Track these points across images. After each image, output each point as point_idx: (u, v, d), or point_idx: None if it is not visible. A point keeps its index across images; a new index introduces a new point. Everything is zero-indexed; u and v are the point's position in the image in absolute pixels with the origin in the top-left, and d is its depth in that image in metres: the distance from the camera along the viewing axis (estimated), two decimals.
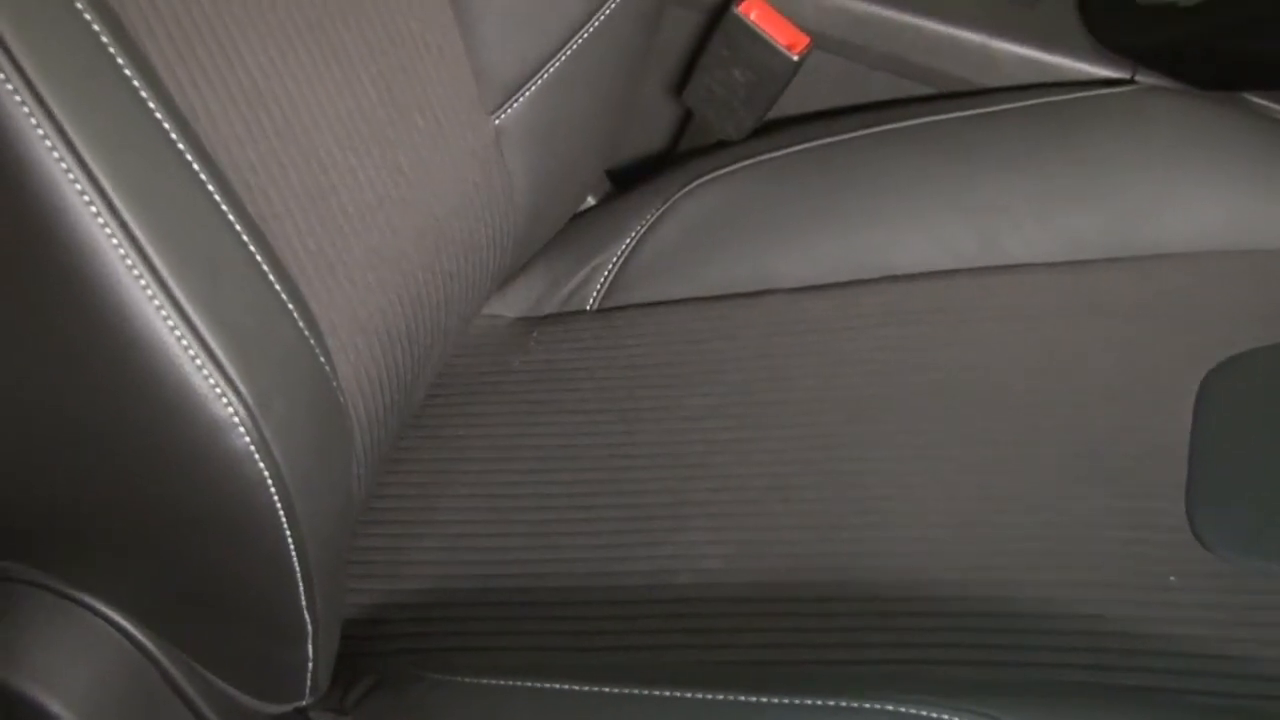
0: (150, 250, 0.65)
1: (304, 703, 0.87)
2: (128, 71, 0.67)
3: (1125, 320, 1.02)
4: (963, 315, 1.04)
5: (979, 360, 1.01)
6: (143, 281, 0.65)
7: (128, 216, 0.65)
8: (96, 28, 0.66)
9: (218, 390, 0.68)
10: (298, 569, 0.75)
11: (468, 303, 1.01)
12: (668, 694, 0.78)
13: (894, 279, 1.07)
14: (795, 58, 1.17)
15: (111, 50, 0.66)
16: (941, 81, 1.20)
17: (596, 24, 1.02)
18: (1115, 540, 0.89)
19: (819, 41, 1.19)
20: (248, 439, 0.69)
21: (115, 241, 0.65)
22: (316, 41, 0.86)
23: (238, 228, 0.70)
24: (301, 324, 0.74)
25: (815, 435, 0.97)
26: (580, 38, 1.01)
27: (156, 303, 0.66)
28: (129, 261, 0.65)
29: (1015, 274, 1.06)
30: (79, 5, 0.66)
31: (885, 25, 1.19)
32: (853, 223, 1.10)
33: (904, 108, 1.18)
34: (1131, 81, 1.16)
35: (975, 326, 1.03)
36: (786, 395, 1.00)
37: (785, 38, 1.17)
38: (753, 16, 1.17)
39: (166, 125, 0.68)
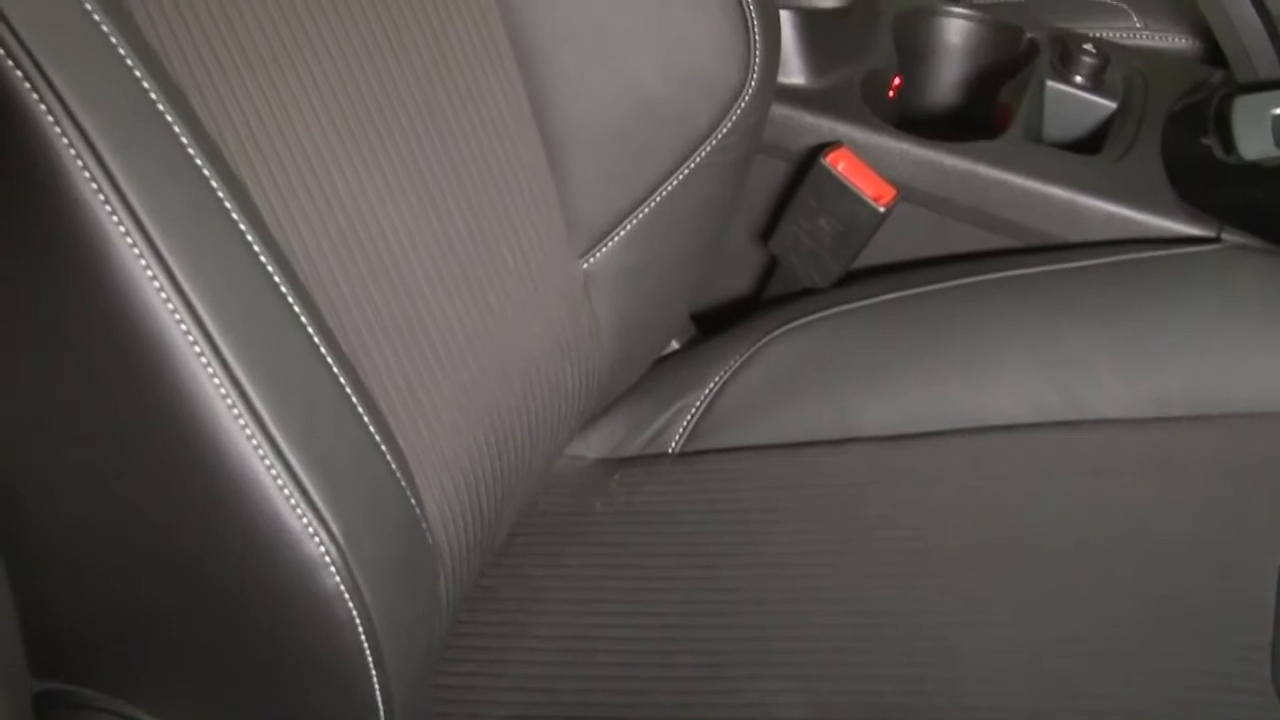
0: (249, 389, 0.67)
1: None
2: (235, 215, 0.69)
3: (1210, 479, 1.01)
4: (1047, 470, 1.03)
5: (1064, 515, 1.00)
6: (241, 420, 0.67)
7: (229, 356, 0.66)
8: (207, 173, 0.68)
9: (310, 529, 0.69)
10: (381, 709, 0.75)
11: (552, 443, 1.02)
12: None
13: (978, 431, 1.07)
14: (882, 209, 1.18)
15: (220, 194, 0.68)
16: (1027, 235, 1.20)
17: (686, 172, 1.03)
18: (1198, 702, 0.88)
19: (905, 193, 1.20)
20: (337, 579, 0.70)
21: (217, 381, 0.66)
22: (410, 179, 0.87)
23: (333, 366, 0.72)
24: (392, 463, 0.75)
25: (898, 586, 0.97)
26: (670, 185, 1.03)
27: (254, 441, 0.67)
28: (229, 400, 0.66)
29: (1100, 429, 1.06)
30: (190, 150, 0.68)
31: (972, 179, 1.20)
32: (937, 374, 1.10)
33: (989, 260, 1.19)
34: (1217, 240, 1.17)
35: (1060, 481, 1.03)
36: (870, 545, 1.00)
37: (872, 189, 1.18)
38: (840, 167, 1.18)
39: (269, 267, 0.70)
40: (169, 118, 0.68)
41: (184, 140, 0.68)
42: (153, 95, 0.67)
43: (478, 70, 0.92)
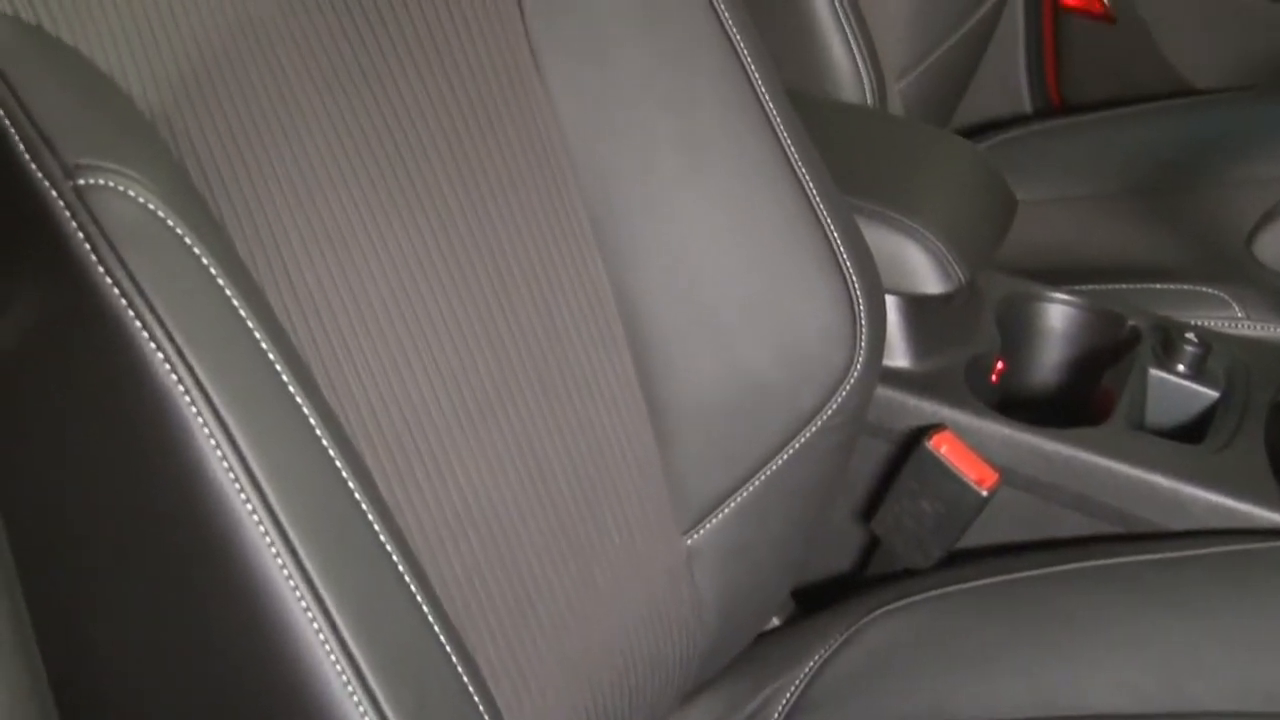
0: (365, 668, 0.69)
1: None
2: (358, 497, 0.71)
3: None
4: None
5: None
6: (355, 698, 0.68)
7: (346, 634, 0.68)
8: (317, 428, 0.71)
9: None
10: None
11: (650, 717, 1.02)
12: None
13: None
14: (984, 493, 1.18)
15: (344, 475, 0.71)
16: (1130, 523, 1.20)
17: (790, 452, 1.05)
18: None
19: (1008, 477, 1.21)
20: None
21: (334, 658, 0.68)
22: (522, 452, 0.89)
23: (445, 645, 0.73)
24: None
25: None
26: (774, 464, 1.04)
27: (361, 708, 0.69)
28: (344, 678, 0.68)
29: None
30: (317, 431, 0.71)
31: (1074, 465, 1.21)
32: (1038, 661, 1.09)
33: (1091, 547, 1.19)
34: None
35: None
36: None
37: (975, 473, 1.19)
38: (943, 450, 1.20)
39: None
40: (299, 399, 0.71)
41: (311, 421, 0.71)
42: (282, 376, 0.71)
43: (590, 349, 0.95)
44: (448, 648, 0.73)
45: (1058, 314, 1.38)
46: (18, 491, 0.74)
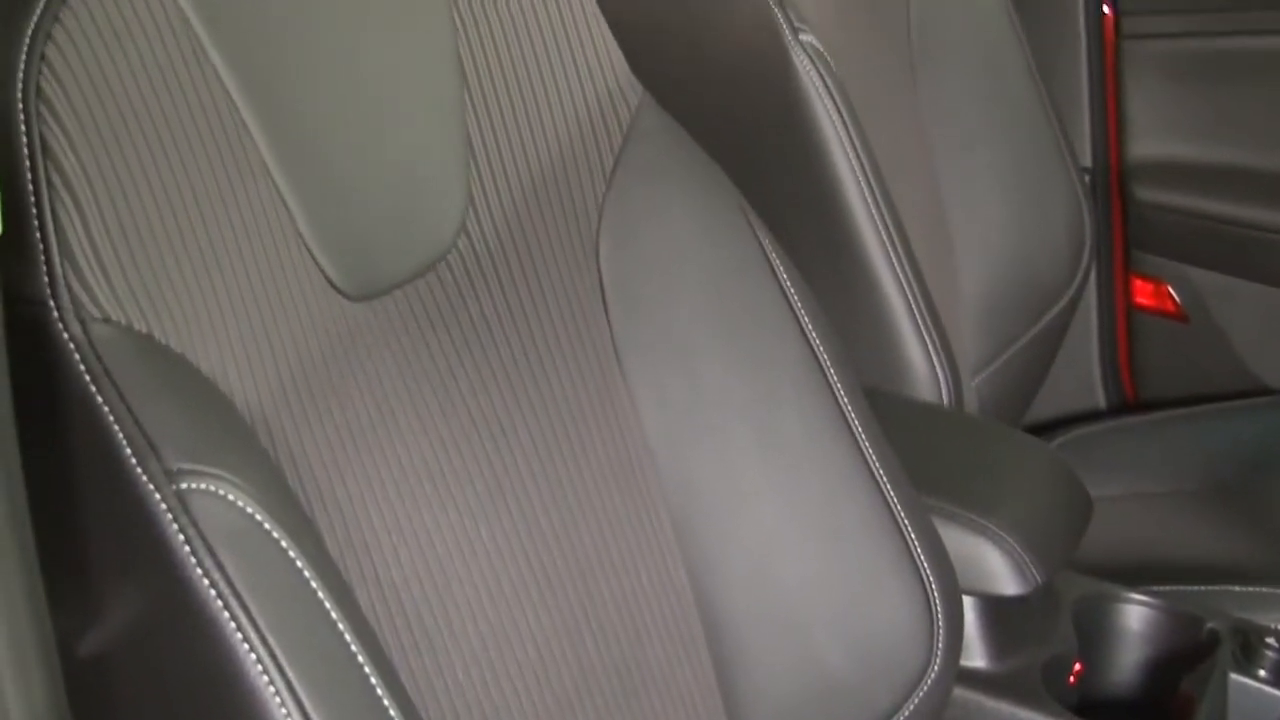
0: None
1: None
2: None
3: None
4: None
5: None
6: None
7: None
8: None
9: None
10: None
11: None
12: None
13: None
14: None
15: None
16: None
17: None
18: None
19: None
20: None
21: None
22: None
23: None
24: None
25: None
26: None
27: None
28: None
29: None
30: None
31: None
32: None
33: None
34: None
35: None
36: None
37: None
38: None
39: None
40: (385, 700, 0.73)
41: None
42: (370, 678, 0.73)
43: (670, 649, 0.96)
44: None
45: (1135, 615, 1.37)
46: None
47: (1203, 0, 1.90)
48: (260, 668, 0.70)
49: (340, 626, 0.73)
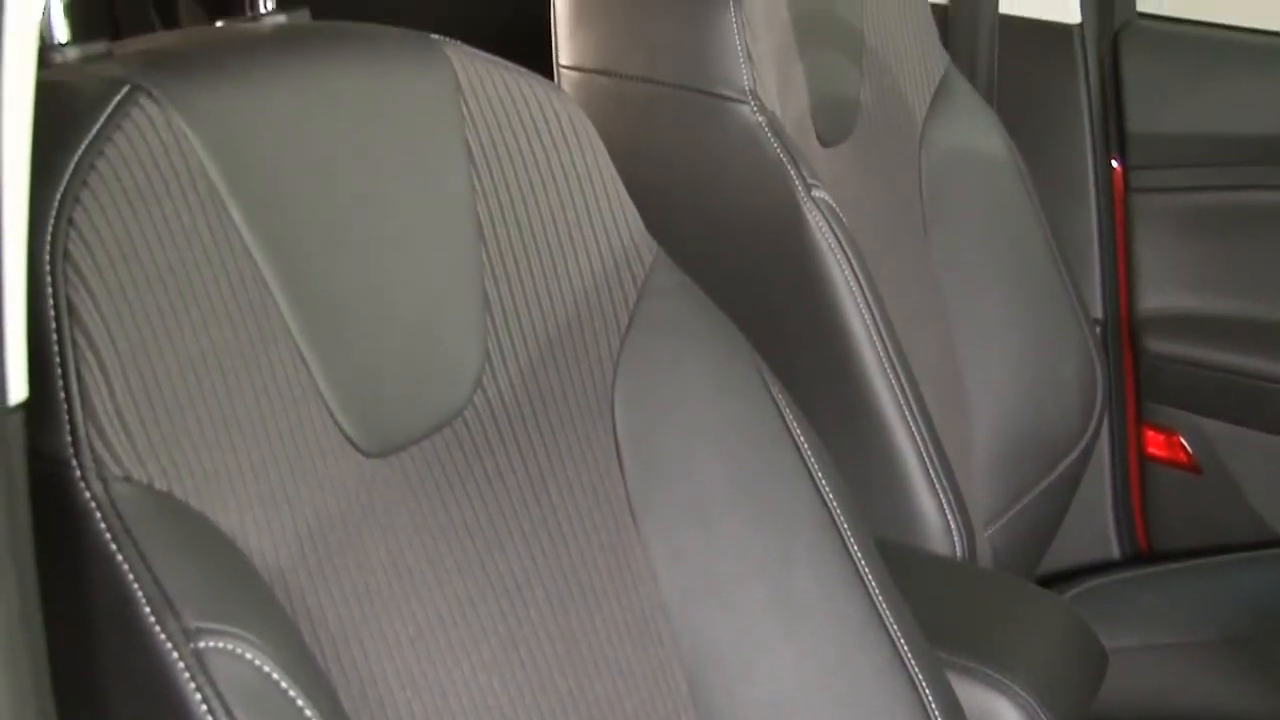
0: None
1: None
2: None
3: None
4: None
5: None
6: None
7: None
8: None
9: None
10: None
11: None
12: None
13: None
14: None
15: None
16: None
17: None
18: None
19: None
20: None
21: None
22: None
23: None
24: None
25: None
26: None
27: None
28: None
29: None
30: None
31: None
32: None
33: None
34: None
35: None
36: None
37: None
38: None
39: None
40: None
41: None
42: None
43: None
44: None
45: None
46: None
47: (1210, 155, 1.92)
48: None
49: None
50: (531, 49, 1.38)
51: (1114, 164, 1.94)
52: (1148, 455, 1.96)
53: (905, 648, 1.05)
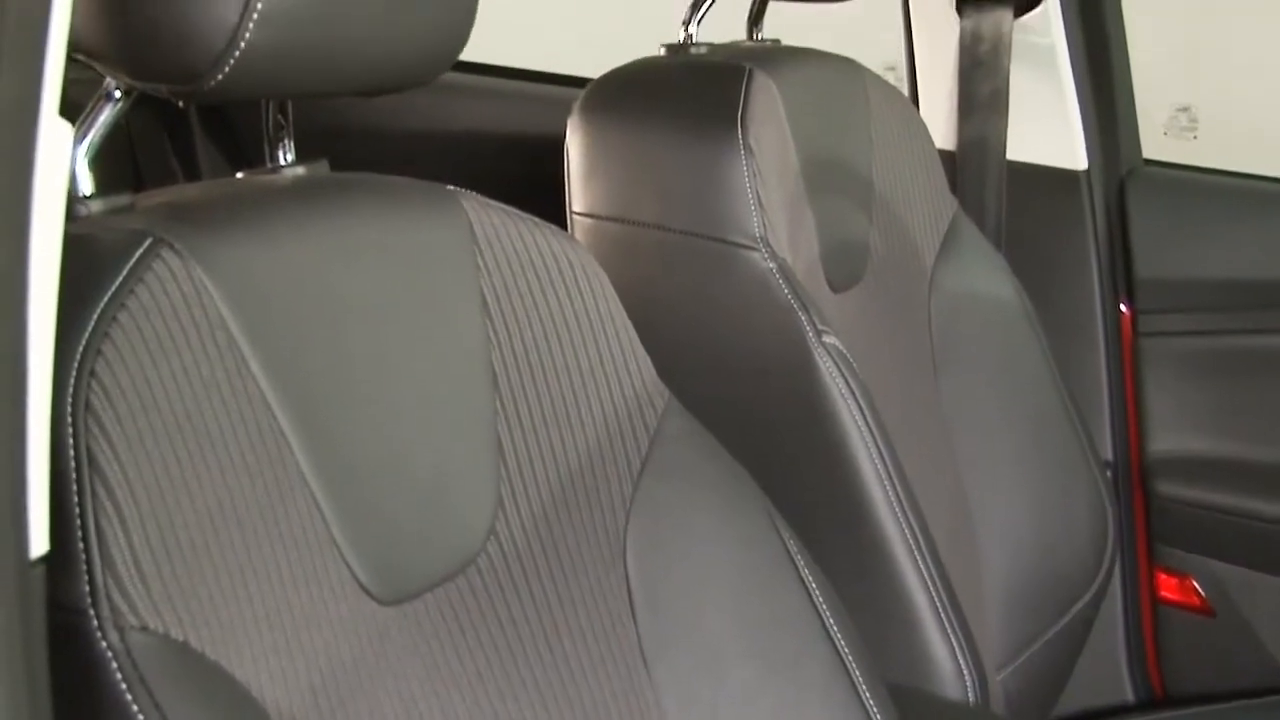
0: None
1: None
2: None
3: None
4: None
5: None
6: None
7: None
8: None
9: None
10: None
11: None
12: None
13: None
14: None
15: None
16: None
17: None
18: None
19: None
20: None
21: None
22: None
23: None
24: None
25: None
26: None
27: None
28: None
29: None
30: None
31: None
32: None
33: None
34: None
35: None
36: None
37: None
38: None
39: None
40: None
41: None
42: None
43: None
44: None
45: None
46: None
47: (1218, 299, 1.94)
48: None
49: None
50: (546, 195, 1.40)
51: (1122, 308, 1.96)
52: (1160, 598, 1.95)
53: None
